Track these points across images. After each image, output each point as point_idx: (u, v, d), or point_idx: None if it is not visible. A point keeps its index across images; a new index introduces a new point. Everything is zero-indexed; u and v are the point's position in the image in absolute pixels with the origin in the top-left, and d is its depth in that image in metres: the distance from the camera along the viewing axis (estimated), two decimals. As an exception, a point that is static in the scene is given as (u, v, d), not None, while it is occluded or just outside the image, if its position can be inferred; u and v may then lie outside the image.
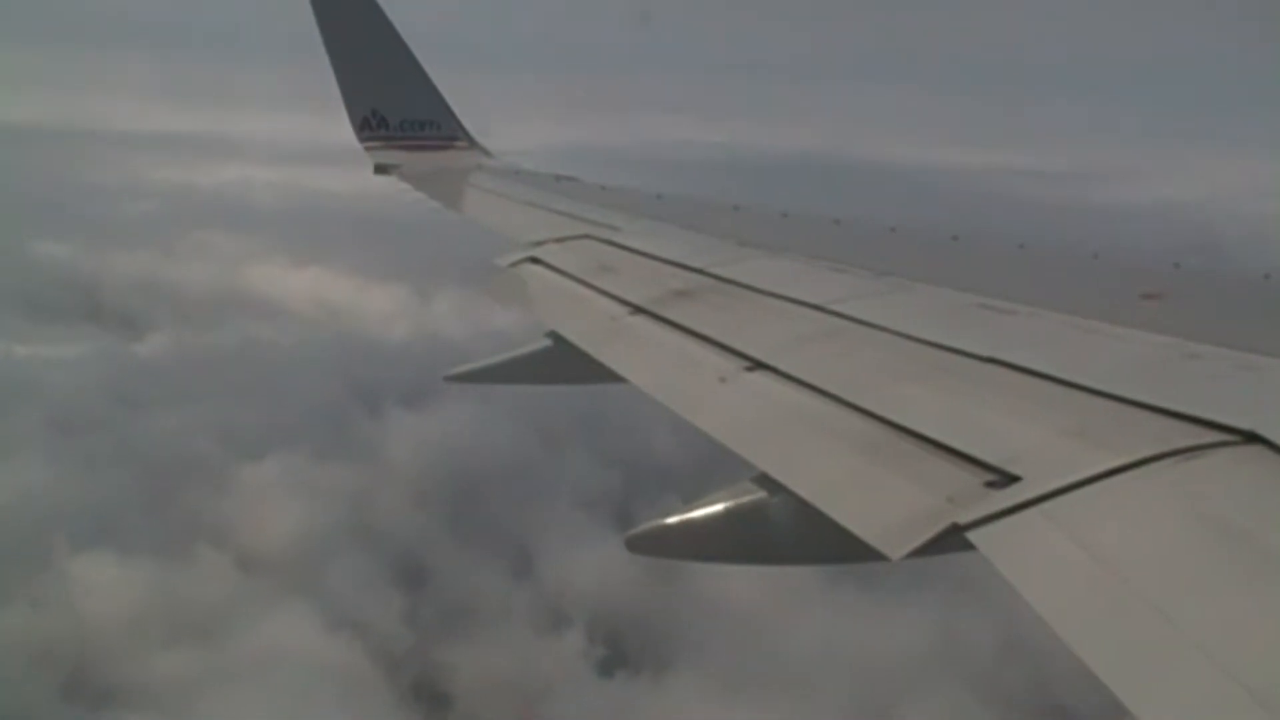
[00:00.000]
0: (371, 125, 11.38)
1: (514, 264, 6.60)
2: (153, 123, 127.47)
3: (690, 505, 3.53)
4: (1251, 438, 2.45)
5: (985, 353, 3.43)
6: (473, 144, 11.85)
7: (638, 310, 5.01)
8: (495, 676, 32.38)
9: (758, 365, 3.92)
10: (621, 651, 33.82)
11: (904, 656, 34.34)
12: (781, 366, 3.81)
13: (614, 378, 4.55)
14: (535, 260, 6.52)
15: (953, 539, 2.52)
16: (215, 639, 31.63)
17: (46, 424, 42.00)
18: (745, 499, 3.36)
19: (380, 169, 11.06)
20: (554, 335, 5.35)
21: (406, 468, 42.63)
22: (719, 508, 3.44)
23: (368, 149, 11.32)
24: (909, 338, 3.77)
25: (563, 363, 5.16)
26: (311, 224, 76.47)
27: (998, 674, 33.81)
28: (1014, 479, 2.62)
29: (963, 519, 2.52)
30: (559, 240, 6.90)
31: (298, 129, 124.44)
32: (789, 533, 3.20)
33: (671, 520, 3.55)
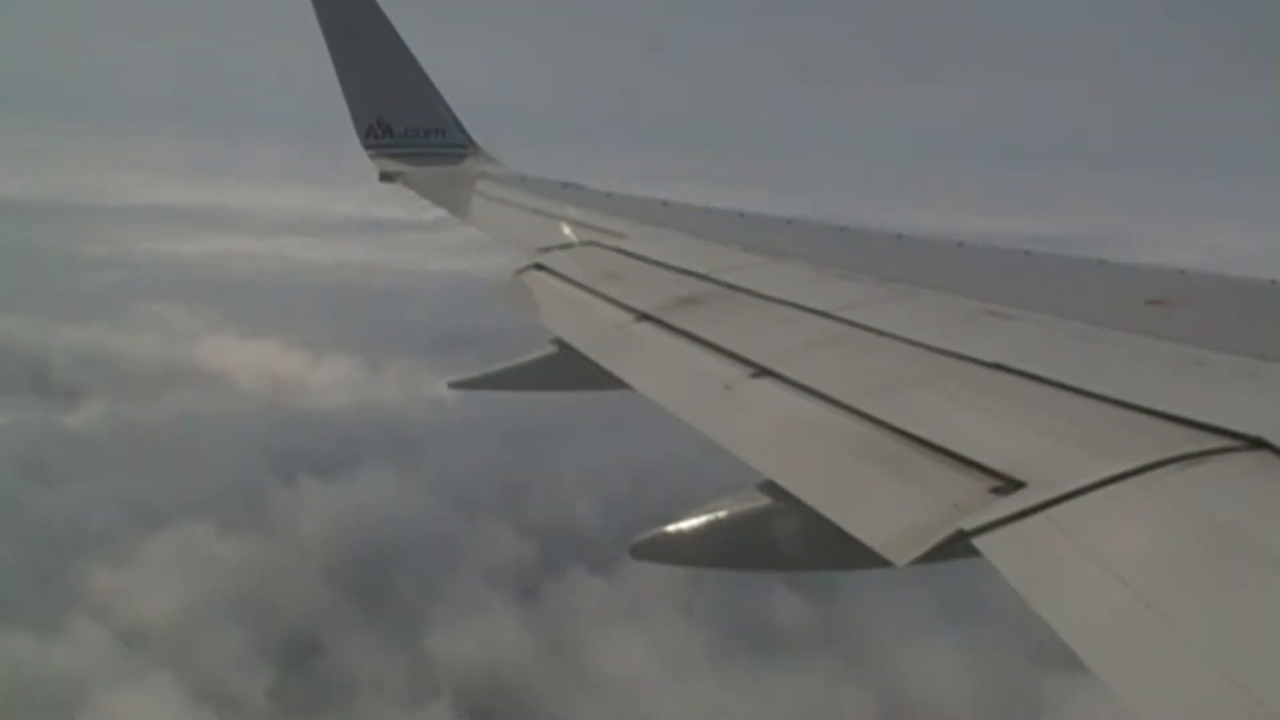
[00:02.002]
0: (377, 134, 11.48)
1: (520, 271, 6.69)
2: (152, 197, 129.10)
3: (694, 511, 3.55)
4: (1258, 444, 2.47)
5: (991, 359, 3.45)
6: (478, 152, 11.94)
7: (643, 317, 5.05)
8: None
9: (763, 372, 3.94)
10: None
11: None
12: (787, 373, 3.84)
13: (619, 384, 4.59)
14: (541, 267, 6.59)
15: (958, 546, 2.54)
16: (69, 713, 31.60)
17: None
18: (750, 505, 3.38)
19: (385, 177, 11.18)
20: (559, 342, 5.41)
21: (314, 540, 42.77)
22: (723, 514, 3.46)
23: (372, 157, 11.44)
24: (915, 344, 3.80)
25: (567, 370, 5.22)
26: (282, 295, 77.53)
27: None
28: (1019, 485, 2.64)
29: (968, 525, 2.53)
30: (564, 247, 6.98)
31: (297, 203, 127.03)
32: (794, 540, 3.23)
33: (675, 527, 3.56)
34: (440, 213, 10.04)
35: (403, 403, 57.49)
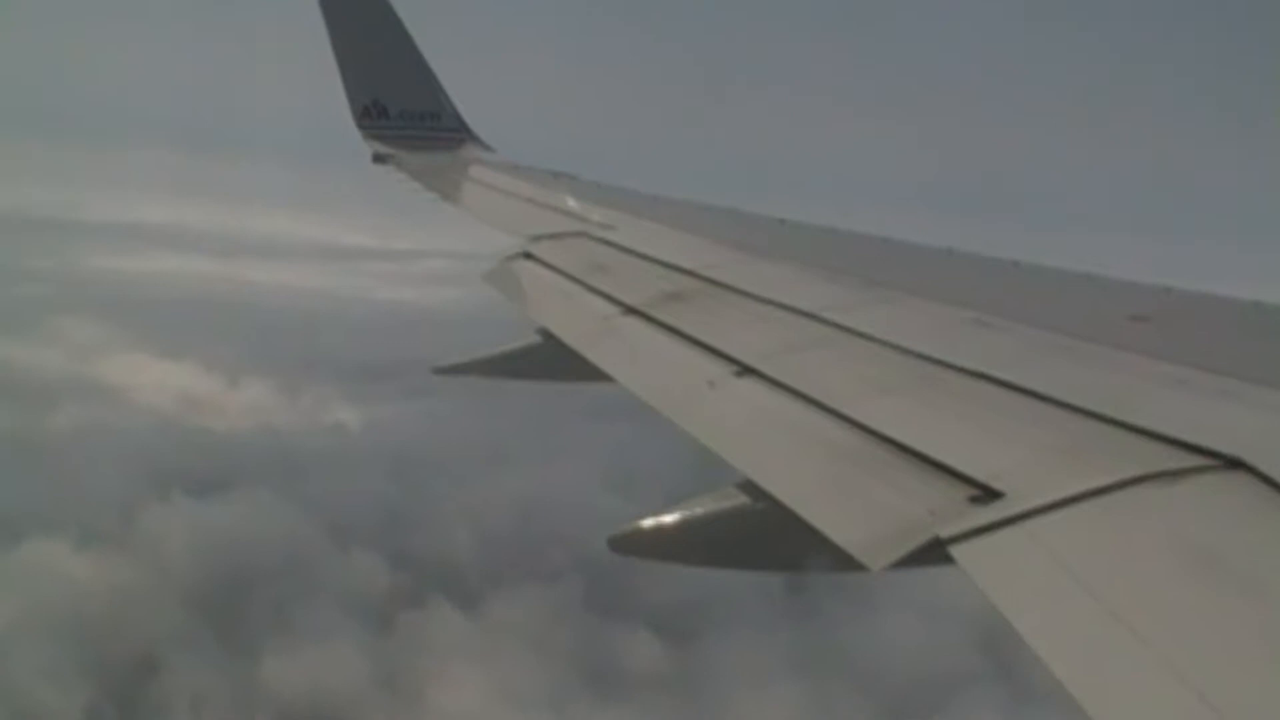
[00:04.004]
0: (372, 115, 11.50)
1: (509, 259, 6.70)
2: (124, 214, 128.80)
3: (672, 508, 3.53)
4: (1235, 464, 2.47)
5: (974, 368, 3.45)
6: (472, 138, 11.95)
7: (629, 310, 5.05)
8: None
9: (747, 370, 3.94)
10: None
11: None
12: (770, 373, 3.84)
13: (602, 377, 4.58)
14: (529, 256, 6.59)
15: (933, 553, 2.54)
16: None
17: None
18: (728, 504, 3.36)
19: (378, 158, 11.18)
20: (544, 332, 5.38)
21: (177, 560, 42.37)
22: (700, 511, 3.45)
23: (366, 138, 11.46)
24: (899, 349, 3.80)
25: (551, 360, 5.20)
26: (215, 316, 76.66)
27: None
28: (997, 495, 2.64)
29: (945, 533, 2.53)
30: (554, 237, 6.96)
31: (268, 227, 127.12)
32: (771, 540, 3.21)
33: (652, 522, 3.54)
34: (431, 196, 9.97)
35: (304, 428, 57.45)
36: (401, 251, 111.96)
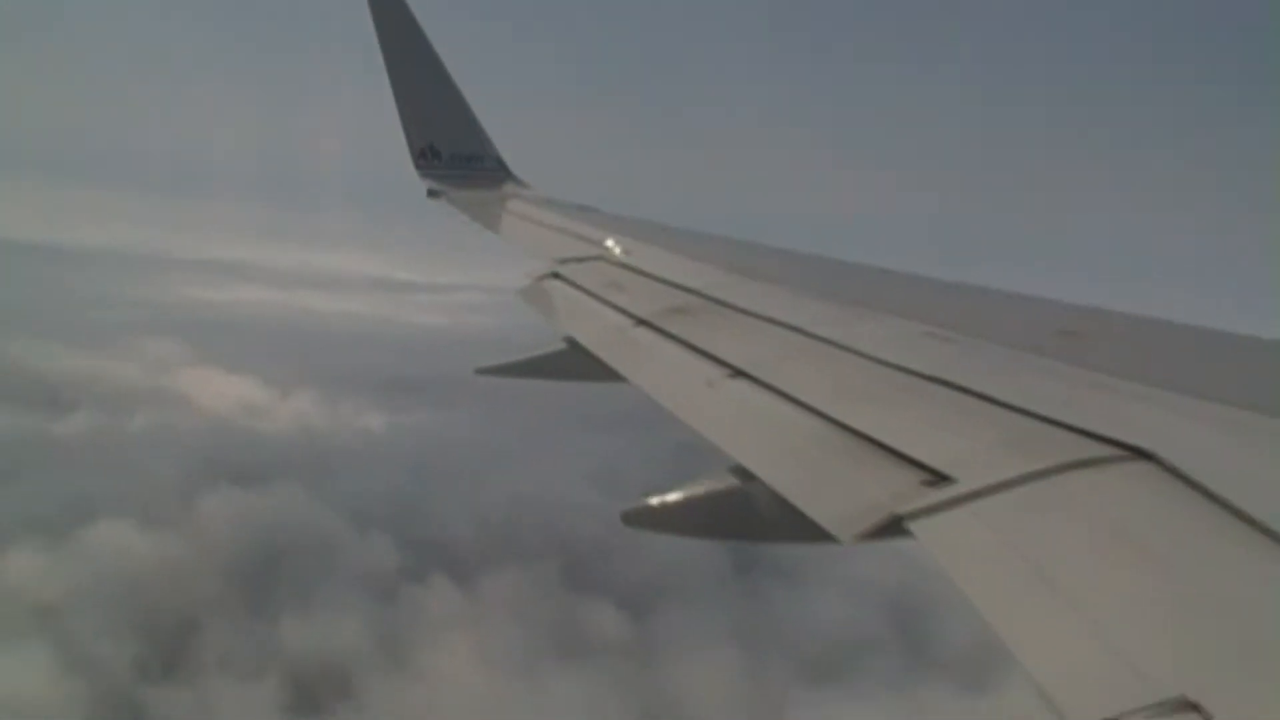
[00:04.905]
0: (427, 156, 12.41)
1: (540, 278, 7.16)
2: (209, 252, 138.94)
3: (675, 488, 3.83)
4: (1143, 454, 2.71)
5: (929, 372, 3.72)
6: (509, 175, 12.81)
7: (641, 322, 5.39)
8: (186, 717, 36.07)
9: (740, 374, 4.24)
10: (310, 699, 37.99)
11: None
12: (760, 376, 4.14)
13: (617, 378, 4.90)
14: (557, 276, 7.04)
15: (893, 528, 2.80)
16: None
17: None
18: (722, 484, 3.69)
19: (432, 194, 12.03)
20: (569, 340, 5.71)
21: (220, 539, 46.38)
22: (700, 491, 3.75)
23: (422, 177, 12.31)
24: (868, 357, 4.09)
25: (576, 365, 5.51)
26: (278, 339, 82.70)
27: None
28: (948, 479, 2.88)
29: (902, 510, 2.79)
30: (578, 260, 7.42)
31: (331, 264, 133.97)
32: (760, 516, 3.48)
33: (657, 500, 3.82)
34: (477, 226, 10.71)
35: (338, 431, 61.74)
36: (443, 285, 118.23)
